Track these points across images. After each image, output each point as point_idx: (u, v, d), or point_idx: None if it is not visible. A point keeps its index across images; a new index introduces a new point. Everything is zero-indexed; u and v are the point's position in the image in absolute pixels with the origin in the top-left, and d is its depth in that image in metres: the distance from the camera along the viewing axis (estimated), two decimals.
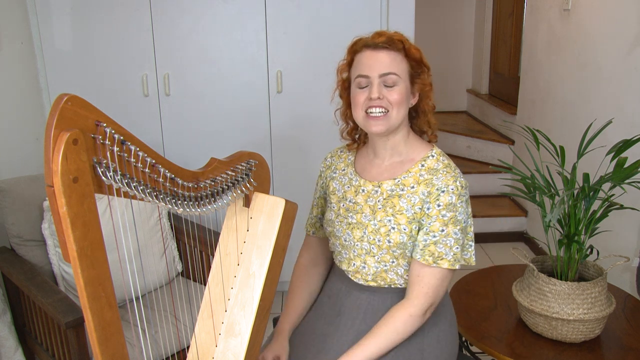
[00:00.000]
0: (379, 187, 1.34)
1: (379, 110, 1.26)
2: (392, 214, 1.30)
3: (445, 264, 1.26)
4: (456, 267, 1.28)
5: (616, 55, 2.42)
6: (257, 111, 2.55)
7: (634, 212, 1.69)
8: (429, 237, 1.27)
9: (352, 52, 1.32)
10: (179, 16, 2.41)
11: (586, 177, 1.55)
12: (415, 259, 1.28)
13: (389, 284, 1.35)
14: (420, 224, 1.28)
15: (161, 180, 1.01)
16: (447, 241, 1.26)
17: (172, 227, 2.23)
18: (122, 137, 0.92)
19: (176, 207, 1.06)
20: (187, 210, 1.09)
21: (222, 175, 1.18)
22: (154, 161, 0.99)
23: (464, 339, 1.77)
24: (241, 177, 1.23)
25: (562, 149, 1.64)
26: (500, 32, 4.41)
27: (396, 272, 1.32)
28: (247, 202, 1.29)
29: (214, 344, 1.26)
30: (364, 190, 1.37)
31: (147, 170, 0.97)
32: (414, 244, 1.29)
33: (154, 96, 2.49)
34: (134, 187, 0.95)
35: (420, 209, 1.28)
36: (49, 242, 1.96)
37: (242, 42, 2.47)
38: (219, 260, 1.31)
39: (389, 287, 1.35)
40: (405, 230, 1.28)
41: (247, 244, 1.28)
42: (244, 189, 1.24)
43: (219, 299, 1.28)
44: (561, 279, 1.57)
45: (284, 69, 2.50)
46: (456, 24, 4.93)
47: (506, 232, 3.56)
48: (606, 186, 1.55)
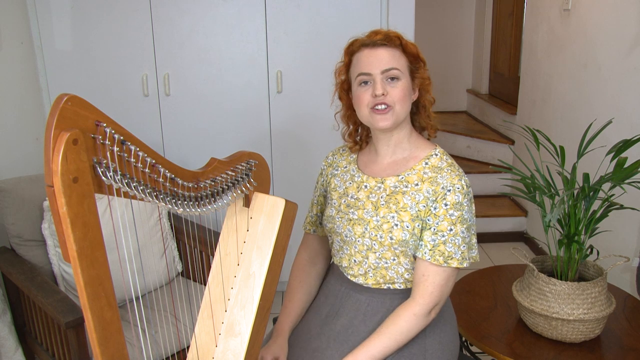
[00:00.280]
0: (382, 183, 1.34)
1: (383, 106, 1.27)
2: (396, 211, 1.30)
3: (454, 264, 1.27)
4: (464, 265, 1.28)
5: (616, 55, 2.42)
6: (257, 111, 2.55)
7: (634, 212, 1.69)
8: (438, 237, 1.27)
9: (350, 52, 1.33)
10: (179, 16, 2.41)
11: (586, 177, 1.55)
12: (424, 259, 1.28)
13: (388, 282, 1.34)
14: (425, 224, 1.28)
15: (161, 180, 1.01)
16: (456, 240, 1.26)
17: (172, 227, 2.23)
18: (122, 137, 0.92)
19: (176, 207, 1.06)
20: (187, 210, 1.09)
21: (222, 175, 1.18)
22: (154, 161, 0.99)
23: (464, 339, 1.77)
24: (241, 177, 1.23)
25: (562, 149, 1.64)
26: (500, 32, 4.41)
27: (396, 270, 1.32)
28: (247, 202, 1.29)
29: (214, 344, 1.26)
30: (366, 186, 1.37)
31: (147, 170, 0.97)
32: (416, 242, 1.29)
33: (154, 96, 2.49)
34: (134, 187, 0.95)
35: (424, 207, 1.28)
36: (49, 242, 1.96)
37: (242, 42, 2.47)
38: (219, 260, 1.31)
39: (388, 288, 1.35)
40: (408, 227, 1.28)
41: (247, 244, 1.28)
42: (244, 189, 1.24)
43: (219, 299, 1.28)
44: (561, 279, 1.57)
45: (284, 69, 2.50)
46: (456, 24, 4.93)
47: (506, 232, 3.56)
48: (606, 186, 1.55)
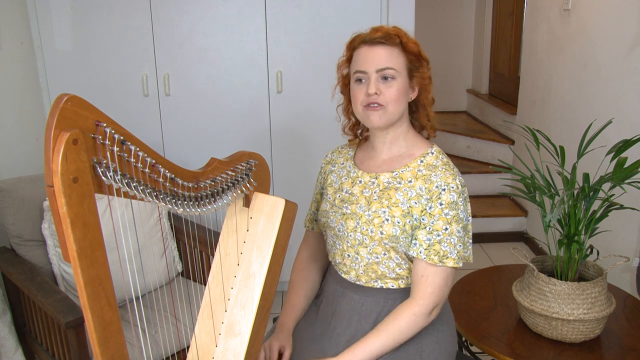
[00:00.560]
0: (376, 178, 1.35)
1: (376, 105, 1.27)
2: (387, 206, 1.30)
3: (450, 263, 1.27)
4: (460, 265, 1.28)
5: (616, 55, 2.42)
6: (257, 111, 2.55)
7: (634, 212, 1.69)
8: (433, 237, 1.27)
9: (351, 48, 1.34)
10: (179, 16, 2.41)
11: (586, 177, 1.55)
12: (419, 258, 1.28)
13: (379, 277, 1.34)
14: (420, 223, 1.28)
15: (161, 180, 1.01)
16: (451, 239, 1.26)
17: (172, 227, 2.23)
18: (122, 137, 0.92)
19: (176, 207, 1.06)
20: (187, 210, 1.09)
21: (222, 175, 1.18)
22: (154, 161, 0.99)
23: (464, 339, 1.77)
24: (241, 177, 1.23)
25: (562, 149, 1.64)
26: (500, 32, 4.41)
27: (387, 265, 1.32)
28: (247, 202, 1.29)
29: (214, 344, 1.26)
30: (360, 181, 1.37)
31: (147, 170, 0.97)
32: (407, 239, 1.29)
33: (154, 96, 2.49)
34: (134, 187, 0.95)
35: (416, 203, 1.28)
36: (49, 242, 1.96)
37: (242, 42, 2.47)
38: (219, 260, 1.31)
39: (381, 287, 1.35)
40: (399, 223, 1.28)
41: (247, 244, 1.28)
42: (244, 189, 1.24)
43: (219, 299, 1.28)
44: (561, 279, 1.57)
45: (284, 69, 2.50)
46: (456, 24, 4.93)
47: (506, 232, 3.56)
48: (606, 186, 1.55)
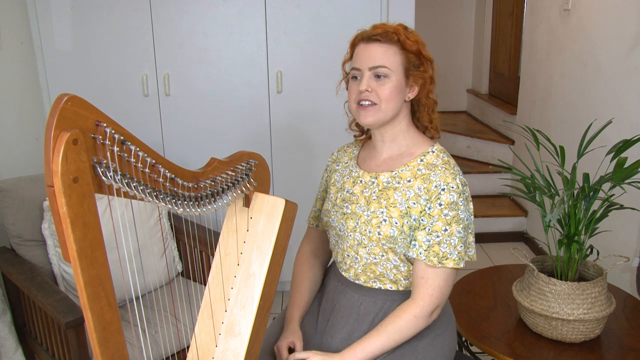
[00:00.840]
0: (376, 178, 1.35)
1: (368, 102, 1.28)
2: (386, 206, 1.30)
3: (450, 264, 1.26)
4: (461, 265, 1.27)
5: (616, 55, 2.42)
6: (257, 111, 2.55)
7: (634, 212, 1.69)
8: (432, 238, 1.26)
9: (352, 45, 1.34)
10: (179, 16, 2.41)
11: (586, 177, 1.55)
12: (419, 259, 1.27)
13: (377, 277, 1.34)
14: (419, 223, 1.28)
15: (161, 180, 1.01)
16: (451, 240, 1.26)
17: (172, 227, 2.23)
18: (122, 137, 0.92)
19: (176, 207, 1.06)
20: (187, 210, 1.09)
21: (222, 175, 1.18)
22: (154, 161, 0.99)
23: (464, 339, 1.77)
24: (241, 177, 1.23)
25: (562, 149, 1.64)
26: (500, 32, 4.41)
27: (385, 266, 1.32)
28: (247, 202, 1.29)
29: (214, 344, 1.26)
30: (361, 181, 1.37)
31: (147, 170, 0.97)
32: (405, 240, 1.29)
33: (154, 96, 2.49)
34: (134, 187, 0.95)
35: (414, 203, 1.28)
36: (49, 242, 1.96)
37: (242, 42, 2.47)
38: (219, 260, 1.31)
39: (379, 288, 1.36)
40: (396, 224, 1.28)
41: (247, 244, 1.28)
42: (244, 189, 1.24)
43: (219, 299, 1.28)
44: (561, 279, 1.57)
45: (284, 69, 2.50)
46: (456, 24, 4.93)
47: (506, 232, 3.56)
48: (606, 186, 1.55)
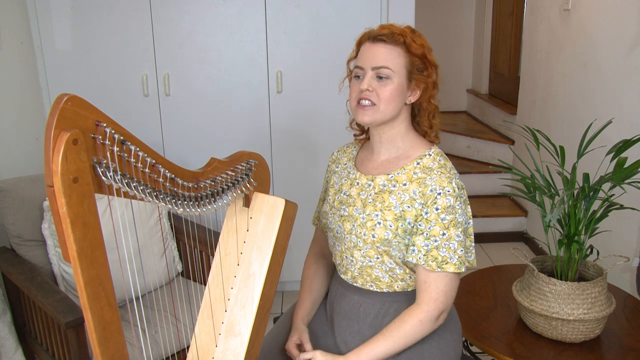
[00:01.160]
0: (372, 181, 1.34)
1: (367, 102, 1.27)
2: (381, 209, 1.30)
3: (450, 268, 1.25)
4: (462, 269, 1.27)
5: (616, 55, 2.42)
6: (257, 111, 2.55)
7: (634, 212, 1.69)
8: (430, 242, 1.25)
9: (358, 43, 1.34)
10: (179, 16, 2.41)
11: (586, 177, 1.55)
12: (419, 264, 1.27)
13: (373, 281, 1.34)
14: (417, 228, 1.27)
15: (161, 180, 1.01)
16: (450, 244, 1.25)
17: (172, 227, 2.23)
18: (122, 137, 0.92)
19: (176, 207, 1.06)
20: (187, 210, 1.09)
21: (222, 175, 1.18)
22: (154, 161, 0.99)
23: (464, 339, 1.77)
24: (241, 177, 1.23)
25: (562, 149, 1.64)
26: (500, 32, 4.41)
27: (381, 269, 1.32)
28: (247, 202, 1.29)
29: (214, 344, 1.26)
30: (358, 183, 1.37)
31: (147, 170, 0.97)
32: (400, 244, 1.28)
33: (154, 96, 2.49)
34: (134, 187, 0.95)
35: (409, 207, 1.27)
36: (49, 242, 1.96)
37: (242, 42, 2.47)
38: (219, 260, 1.31)
39: (376, 291, 1.35)
40: (391, 227, 1.28)
41: (247, 244, 1.28)
42: (244, 189, 1.24)
43: (219, 299, 1.28)
44: (561, 279, 1.57)
45: (284, 69, 2.50)
46: (456, 24, 4.93)
47: (506, 232, 3.56)
48: (606, 186, 1.55)
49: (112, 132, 0.90)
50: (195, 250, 2.14)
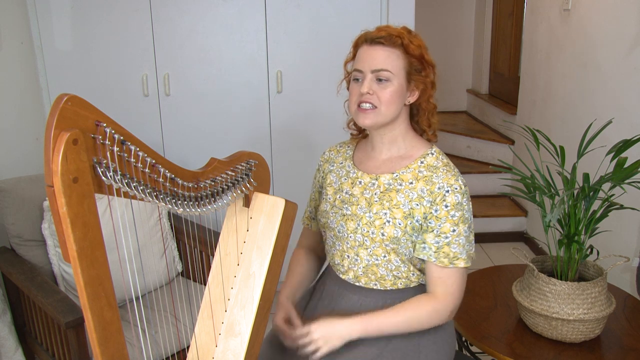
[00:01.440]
0: (377, 179, 1.35)
1: (368, 105, 1.28)
2: (389, 208, 1.30)
3: (461, 263, 1.28)
4: (470, 264, 1.29)
5: (616, 55, 2.42)
6: (257, 111, 2.55)
7: (634, 212, 1.69)
8: (442, 239, 1.27)
9: (355, 45, 1.35)
10: (179, 16, 2.41)
11: (586, 177, 1.55)
12: (430, 261, 1.29)
13: (378, 279, 1.34)
14: (427, 226, 1.28)
15: (161, 180, 1.01)
16: (460, 240, 1.27)
17: (172, 227, 2.23)
18: (122, 137, 0.92)
19: (176, 207, 1.06)
20: (187, 210, 1.09)
21: (222, 175, 1.18)
22: (154, 161, 0.99)
23: (464, 339, 1.77)
24: (241, 177, 1.23)
25: (562, 149, 1.64)
26: (500, 32, 4.41)
27: (387, 267, 1.32)
28: (247, 202, 1.29)
29: (214, 344, 1.26)
30: (360, 182, 1.37)
31: (147, 170, 0.97)
32: (408, 241, 1.29)
33: (154, 96, 2.49)
34: (134, 187, 0.95)
35: (417, 205, 1.28)
36: (49, 242, 1.96)
37: (242, 42, 2.47)
38: (219, 260, 1.31)
39: (379, 289, 1.36)
40: (400, 225, 1.29)
41: (247, 244, 1.28)
42: (244, 189, 1.24)
43: (219, 299, 1.28)
44: (561, 279, 1.57)
45: (284, 69, 2.50)
46: (456, 24, 4.93)
47: (506, 232, 3.56)
48: (606, 186, 1.55)
49: (112, 132, 0.90)
50: (195, 250, 2.14)
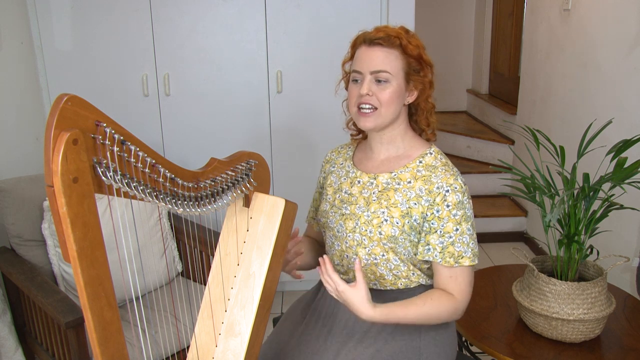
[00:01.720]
0: (375, 179, 1.35)
1: (368, 106, 1.28)
2: (386, 207, 1.31)
3: (466, 262, 1.28)
4: (476, 262, 1.29)
5: (616, 55, 2.42)
6: (257, 111, 2.55)
7: (634, 212, 1.69)
8: (445, 239, 1.27)
9: (354, 45, 1.34)
10: (179, 16, 2.41)
11: (586, 177, 1.55)
12: (435, 262, 1.29)
13: (377, 279, 1.35)
14: (430, 227, 1.28)
15: (161, 180, 1.01)
16: (463, 239, 1.27)
17: (172, 227, 2.23)
18: (122, 137, 0.92)
19: (176, 207, 1.06)
20: (187, 210, 1.09)
21: (222, 175, 1.18)
22: (154, 161, 0.98)
23: (464, 339, 1.77)
24: (241, 177, 1.23)
25: (562, 149, 1.64)
26: (500, 32, 4.41)
27: (385, 266, 1.33)
28: (247, 202, 1.29)
29: (214, 344, 1.26)
30: (359, 181, 1.38)
31: (147, 170, 0.97)
32: (406, 241, 1.29)
33: (154, 96, 2.49)
34: (134, 187, 0.95)
35: (415, 204, 1.28)
36: (49, 242, 1.96)
37: (242, 42, 2.47)
38: (219, 260, 1.31)
39: (379, 289, 1.36)
40: (397, 224, 1.29)
41: (247, 244, 1.28)
42: (244, 189, 1.24)
43: (219, 299, 1.28)
44: (561, 279, 1.57)
45: (284, 69, 2.50)
46: (456, 24, 4.93)
47: (506, 232, 3.56)
48: (606, 186, 1.55)
49: (112, 132, 0.90)
50: (195, 250, 2.14)
